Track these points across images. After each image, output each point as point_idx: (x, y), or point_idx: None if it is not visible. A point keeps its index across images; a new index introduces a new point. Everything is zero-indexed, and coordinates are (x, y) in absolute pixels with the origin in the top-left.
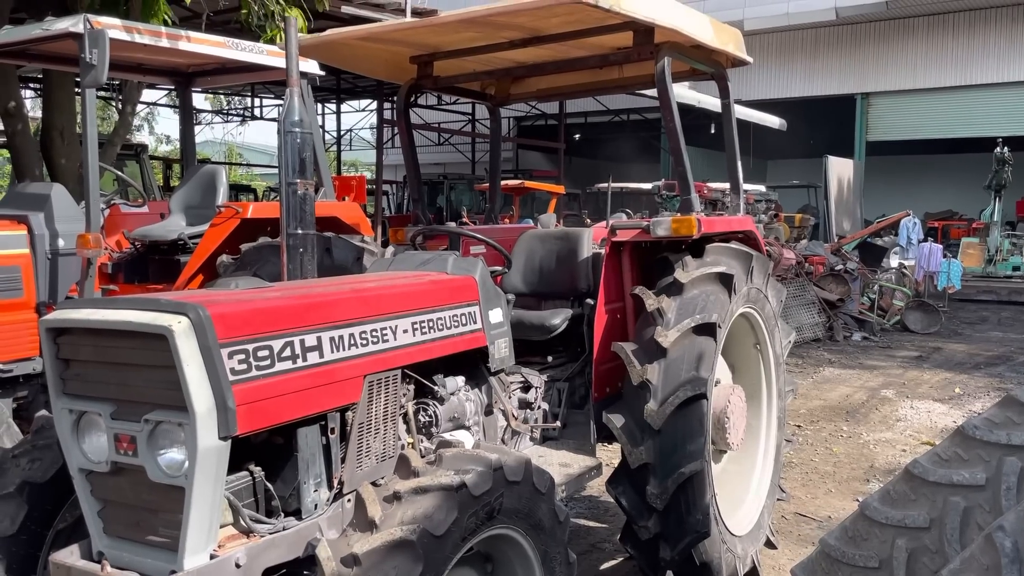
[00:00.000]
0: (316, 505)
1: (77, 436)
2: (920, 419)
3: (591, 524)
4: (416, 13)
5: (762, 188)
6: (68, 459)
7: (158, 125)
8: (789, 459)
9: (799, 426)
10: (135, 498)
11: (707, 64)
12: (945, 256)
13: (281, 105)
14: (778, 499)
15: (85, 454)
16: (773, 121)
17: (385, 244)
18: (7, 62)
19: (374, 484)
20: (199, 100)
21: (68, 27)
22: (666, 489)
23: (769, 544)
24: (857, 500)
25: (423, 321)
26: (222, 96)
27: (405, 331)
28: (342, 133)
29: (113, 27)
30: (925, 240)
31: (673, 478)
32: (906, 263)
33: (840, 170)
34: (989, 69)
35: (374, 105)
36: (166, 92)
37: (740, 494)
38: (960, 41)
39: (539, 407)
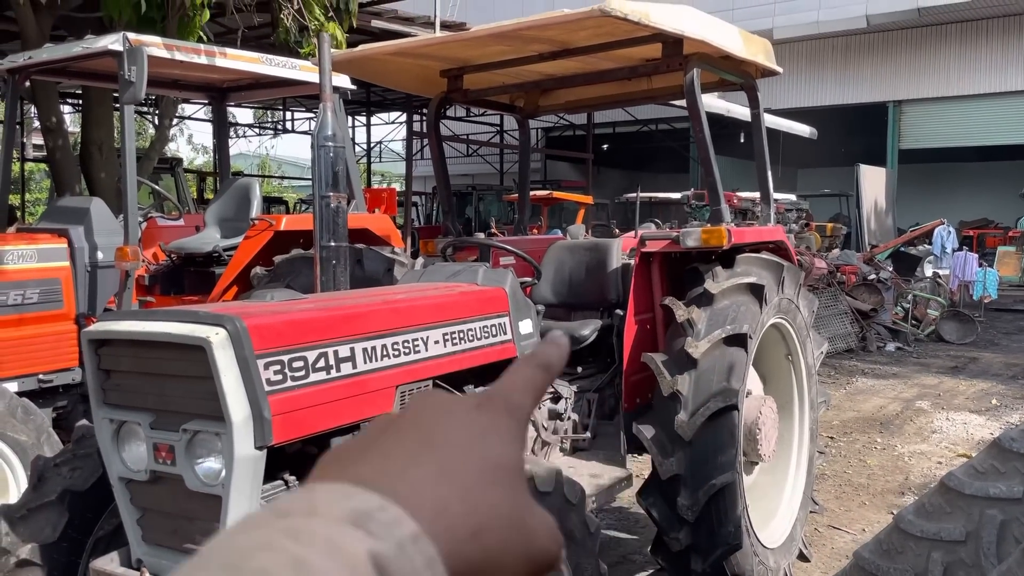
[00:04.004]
0: None
1: (117, 445)
2: (956, 431)
3: (622, 535)
4: (445, 26)
5: (793, 197)
6: (108, 468)
7: (194, 137)
8: (822, 471)
9: (832, 438)
10: (173, 506)
11: (736, 75)
12: (981, 265)
13: (313, 118)
14: (811, 511)
15: (125, 463)
16: (804, 130)
17: (415, 255)
18: (48, 79)
19: None
20: (237, 113)
21: (107, 45)
22: (697, 501)
23: (802, 557)
24: (892, 513)
25: (454, 332)
26: (258, 110)
27: (436, 342)
28: (372, 145)
29: (151, 44)
30: (960, 249)
31: (704, 489)
32: (940, 272)
33: (872, 179)
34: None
35: (404, 117)
36: (200, 106)
37: (772, 506)
38: (994, 47)
39: (569, 418)
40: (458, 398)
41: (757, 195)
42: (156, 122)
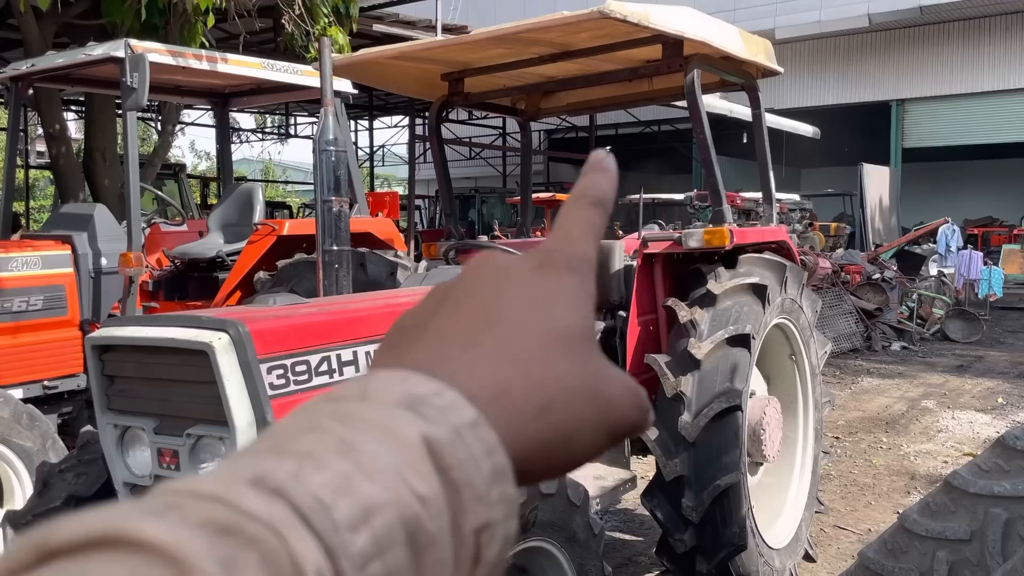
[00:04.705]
0: None
1: (121, 450)
2: (962, 430)
3: (626, 537)
4: (446, 29)
5: (796, 197)
6: (113, 473)
7: (196, 142)
8: (828, 471)
9: (838, 438)
10: None
11: (737, 75)
12: (986, 263)
13: (315, 123)
14: (816, 512)
15: (129, 468)
16: (807, 129)
17: (418, 259)
18: (51, 86)
19: None
20: (240, 118)
21: (109, 52)
22: (702, 502)
23: (807, 557)
24: (897, 513)
25: None
26: (258, 115)
27: None
28: (375, 149)
29: (153, 51)
30: (965, 247)
31: (709, 490)
32: (945, 271)
33: (876, 178)
34: None
35: (406, 121)
36: (203, 111)
37: (777, 506)
38: (996, 45)
39: None
40: (516, 260)
41: (760, 195)
42: (159, 128)
